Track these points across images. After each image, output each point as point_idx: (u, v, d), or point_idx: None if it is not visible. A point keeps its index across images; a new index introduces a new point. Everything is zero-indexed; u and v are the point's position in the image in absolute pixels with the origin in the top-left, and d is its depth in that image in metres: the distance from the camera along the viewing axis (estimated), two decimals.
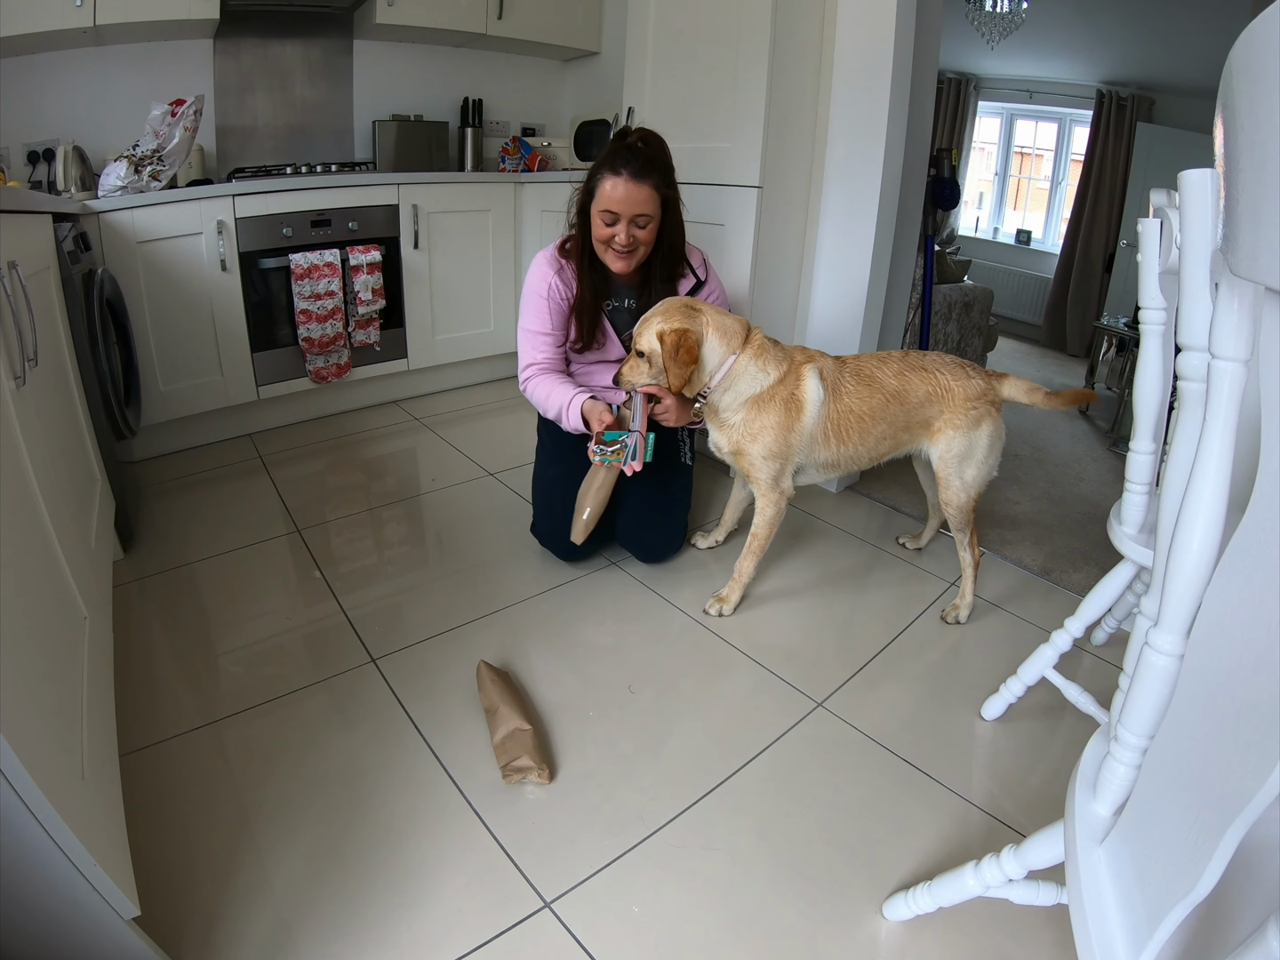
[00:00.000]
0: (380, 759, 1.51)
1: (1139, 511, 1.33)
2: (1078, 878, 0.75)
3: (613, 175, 1.80)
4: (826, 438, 1.86)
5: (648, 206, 1.82)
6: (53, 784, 0.87)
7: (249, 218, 2.75)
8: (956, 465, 1.89)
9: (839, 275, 2.53)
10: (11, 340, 1.27)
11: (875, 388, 1.85)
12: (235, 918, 1.20)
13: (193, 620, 1.92)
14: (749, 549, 1.96)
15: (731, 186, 2.48)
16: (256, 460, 2.81)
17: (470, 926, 1.20)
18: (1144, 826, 0.70)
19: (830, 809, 1.43)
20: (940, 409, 1.87)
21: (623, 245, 1.85)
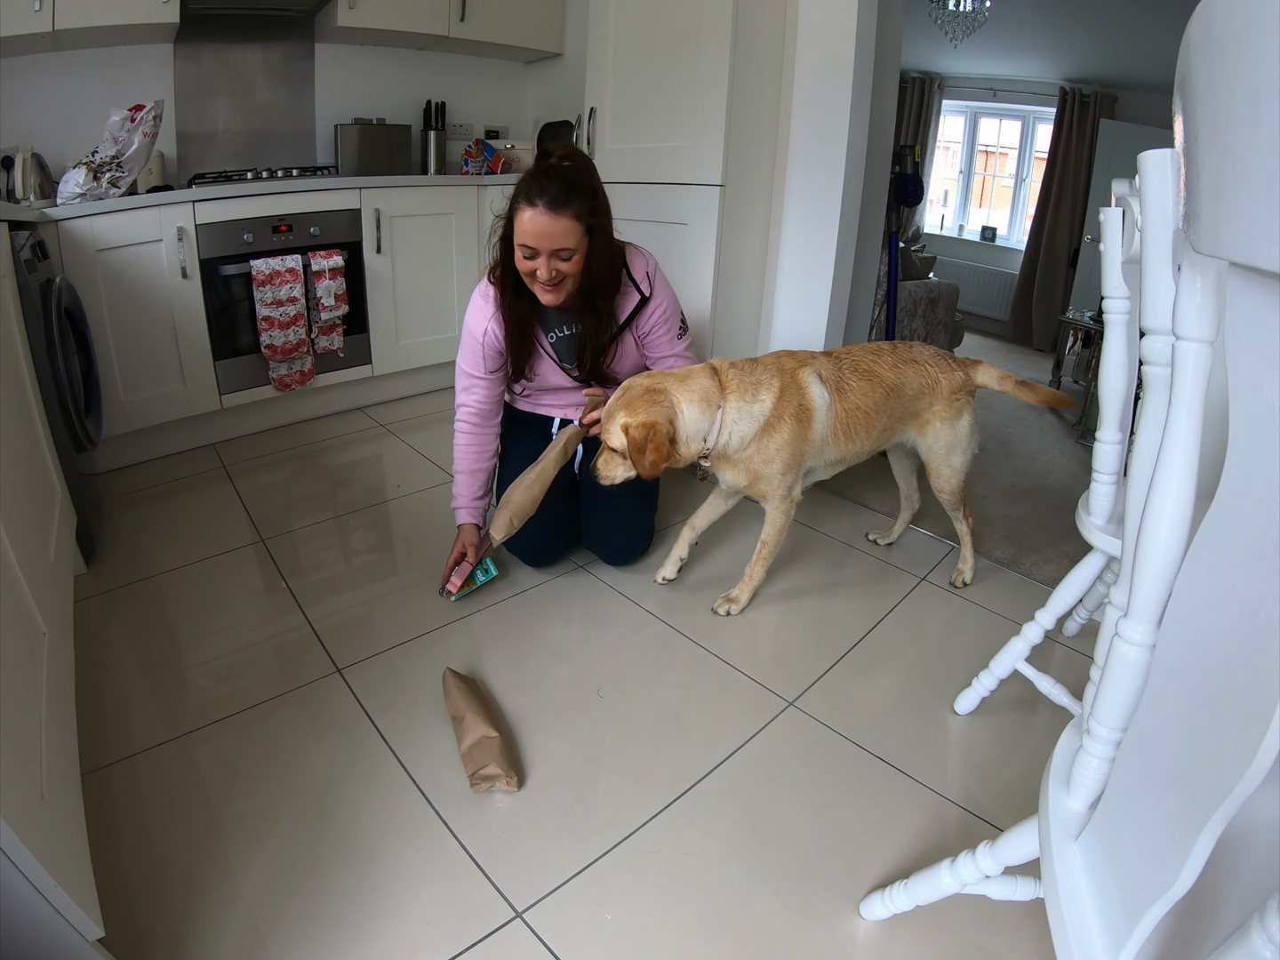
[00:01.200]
0: (348, 770, 1.48)
1: (1106, 502, 1.33)
2: (1053, 875, 0.74)
3: (529, 206, 1.65)
4: (836, 437, 1.87)
5: (568, 240, 1.68)
6: (9, 804, 0.85)
7: (210, 224, 2.70)
8: (945, 455, 1.97)
9: (803, 273, 2.54)
10: None
11: (876, 382, 1.86)
12: (203, 935, 1.17)
13: (158, 634, 1.88)
14: (759, 555, 1.96)
15: (694, 185, 2.48)
16: (220, 470, 2.76)
17: (441, 938, 1.17)
18: (1119, 822, 0.69)
19: (804, 809, 1.42)
20: (929, 401, 1.92)
21: (546, 280, 1.72)
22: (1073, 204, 5.19)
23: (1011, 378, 1.95)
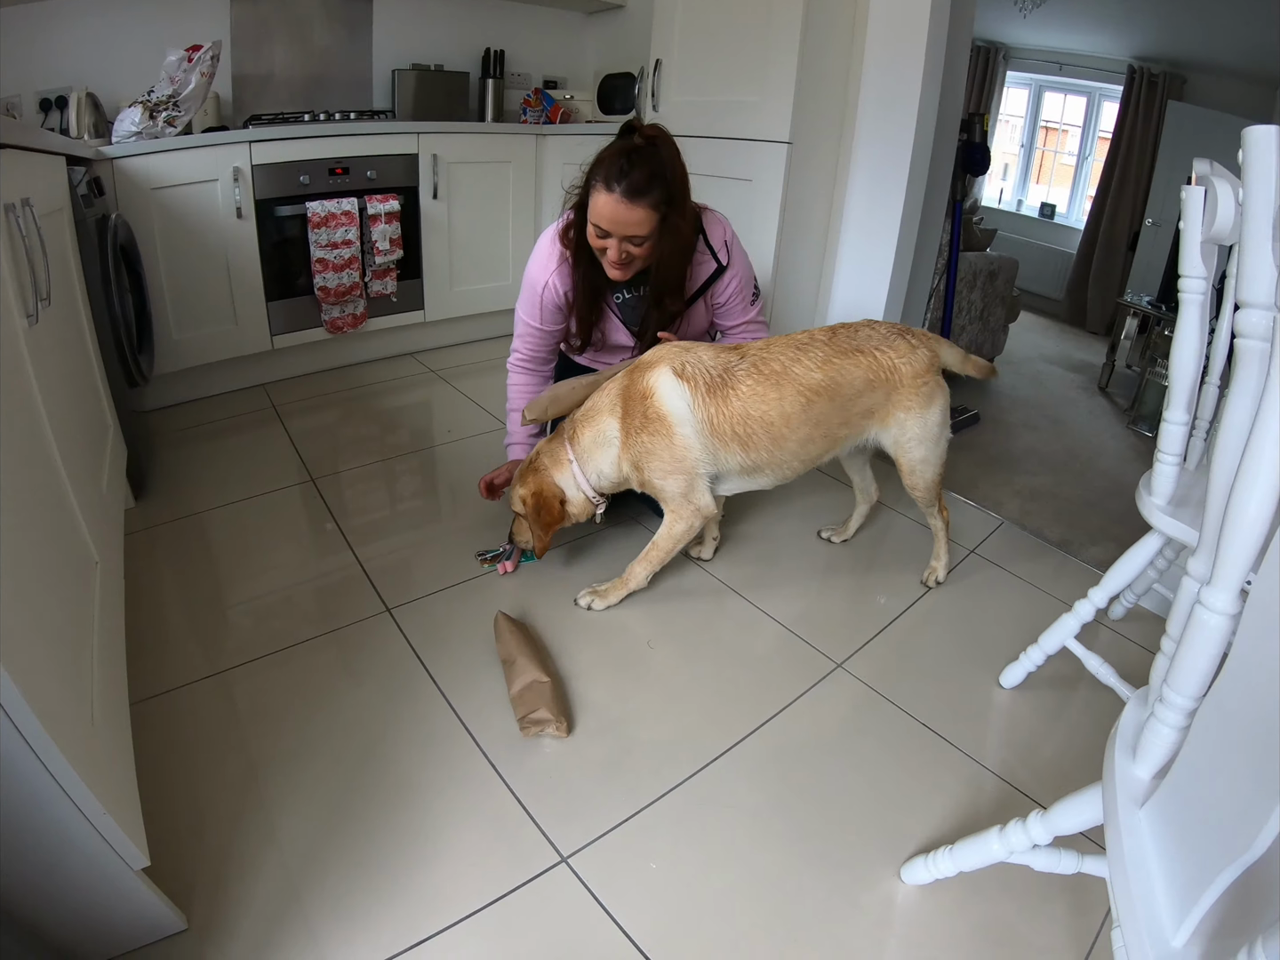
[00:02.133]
0: (394, 710, 1.49)
1: (1169, 483, 1.30)
2: (1119, 840, 0.74)
3: (606, 190, 1.61)
4: (724, 443, 1.64)
5: (641, 229, 1.65)
6: (61, 730, 0.85)
7: (266, 165, 2.69)
8: (916, 448, 1.75)
9: (867, 236, 2.49)
10: (24, 277, 1.24)
11: (788, 386, 1.61)
12: (245, 870, 1.19)
13: (206, 569, 1.90)
14: (645, 556, 1.78)
15: (760, 142, 2.43)
16: (270, 410, 2.78)
17: (485, 881, 1.19)
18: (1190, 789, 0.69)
19: (847, 770, 1.42)
20: (886, 393, 1.67)
21: (614, 261, 1.70)
22: (1135, 186, 5.02)
23: (972, 358, 1.81)
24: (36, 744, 0.80)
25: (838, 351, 1.63)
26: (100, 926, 1.03)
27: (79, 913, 0.99)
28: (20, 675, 0.77)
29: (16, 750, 0.80)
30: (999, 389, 3.36)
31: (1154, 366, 3.29)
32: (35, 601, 0.96)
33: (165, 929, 1.08)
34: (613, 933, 1.13)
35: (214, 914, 1.12)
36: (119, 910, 1.02)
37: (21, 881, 0.91)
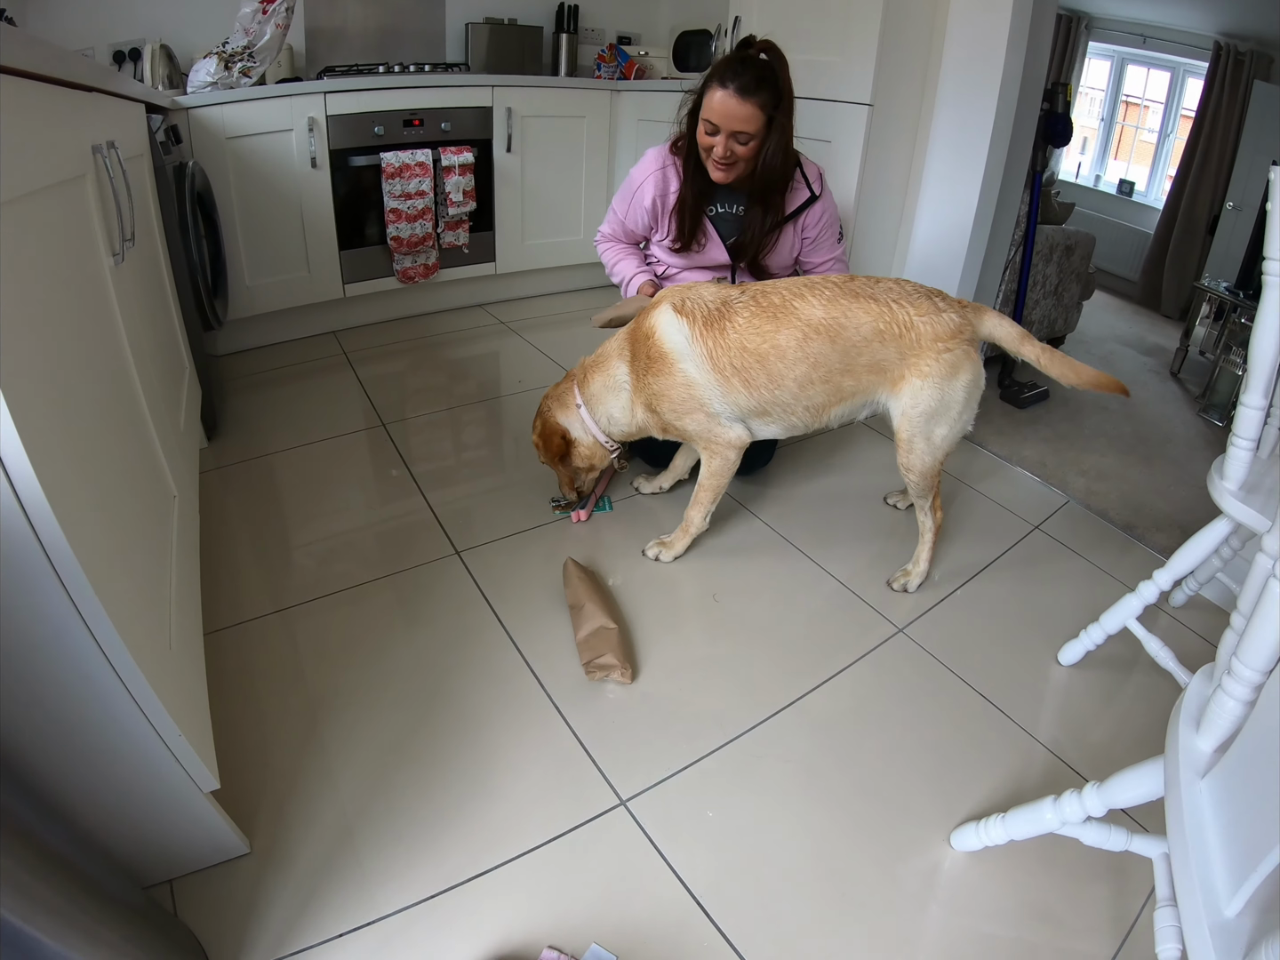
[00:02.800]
0: (460, 650, 1.53)
1: (1242, 468, 1.27)
2: (1179, 810, 0.75)
3: (720, 87, 1.72)
4: (725, 378, 1.60)
5: (749, 125, 1.73)
6: (142, 653, 0.88)
7: (340, 115, 2.71)
8: (924, 424, 1.58)
9: (945, 203, 2.44)
10: (111, 216, 1.27)
11: (784, 320, 1.55)
12: (308, 799, 1.23)
13: (274, 509, 1.96)
14: (695, 499, 1.78)
15: (841, 103, 2.39)
16: (341, 357, 2.84)
17: (543, 820, 1.22)
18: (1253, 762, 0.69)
19: (905, 733, 1.43)
20: (899, 351, 1.54)
21: (720, 158, 1.79)
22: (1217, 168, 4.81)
23: (1039, 344, 1.55)
24: (119, 664, 0.83)
25: (847, 294, 1.55)
26: (168, 846, 1.07)
27: (149, 832, 1.03)
28: (107, 599, 0.80)
29: (99, 671, 0.83)
30: None
31: (1228, 355, 3.18)
32: (120, 530, 0.99)
33: (228, 851, 1.13)
34: (667, 876, 1.15)
35: (275, 840, 1.17)
36: (186, 831, 1.06)
37: (97, 800, 0.95)
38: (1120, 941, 1.10)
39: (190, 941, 1.00)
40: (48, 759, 0.87)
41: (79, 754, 0.89)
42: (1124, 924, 1.13)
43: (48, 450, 0.75)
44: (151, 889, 1.08)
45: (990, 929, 1.11)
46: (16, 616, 0.76)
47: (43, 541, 0.73)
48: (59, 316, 0.95)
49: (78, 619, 0.78)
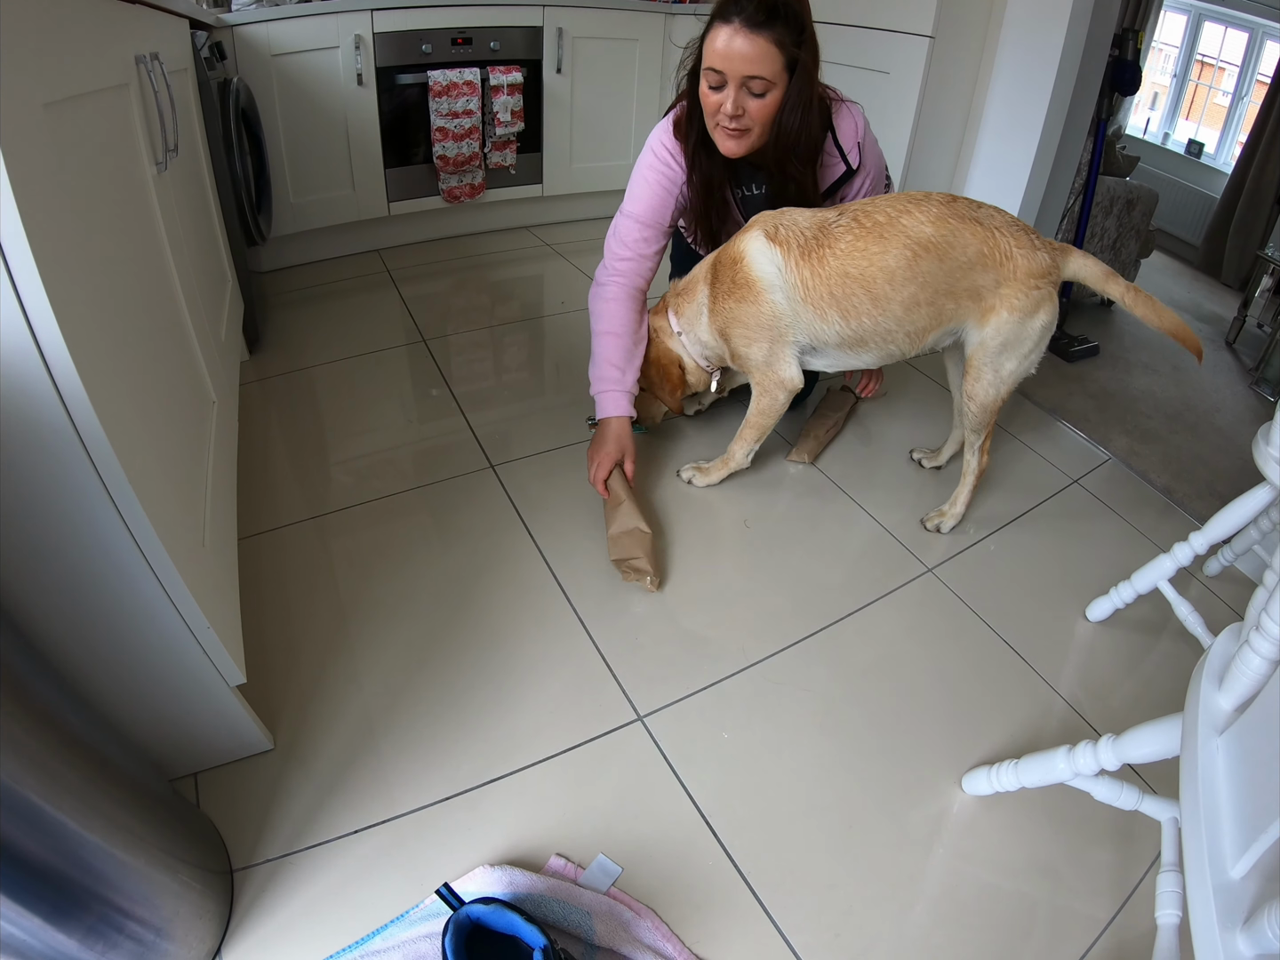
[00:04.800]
0: (491, 561, 1.55)
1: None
2: (1194, 765, 0.74)
3: (724, 24, 1.38)
4: (820, 310, 1.53)
5: (763, 66, 1.39)
6: (175, 546, 0.89)
7: (387, 33, 2.66)
8: (995, 354, 1.55)
9: (1005, 145, 2.36)
10: (154, 126, 1.28)
11: (892, 239, 1.46)
12: (332, 702, 1.26)
13: (313, 421, 1.98)
14: (741, 435, 1.77)
15: (901, 34, 2.31)
16: (384, 274, 2.83)
17: (562, 730, 1.24)
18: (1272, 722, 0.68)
19: (925, 672, 1.43)
20: (996, 279, 1.48)
21: (729, 116, 1.44)
22: None
23: (1123, 281, 1.50)
24: (151, 555, 0.85)
25: (954, 214, 1.47)
26: (194, 739, 1.11)
27: (176, 724, 1.07)
28: (141, 490, 0.82)
29: (132, 560, 0.85)
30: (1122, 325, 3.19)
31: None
32: (157, 426, 1.01)
33: (252, 746, 1.16)
34: (677, 793, 1.17)
35: (298, 738, 1.20)
36: (213, 724, 1.09)
37: (125, 689, 0.97)
38: (1119, 906, 1.10)
39: (210, 832, 1.04)
40: (78, 645, 0.90)
41: (109, 642, 0.92)
42: (1125, 889, 1.13)
43: (86, 342, 0.76)
44: (177, 781, 1.12)
45: (992, 878, 1.12)
46: (51, 503, 0.77)
47: (78, 426, 0.74)
48: (101, 214, 0.95)
49: (111, 508, 0.80)
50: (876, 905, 1.07)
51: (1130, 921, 1.09)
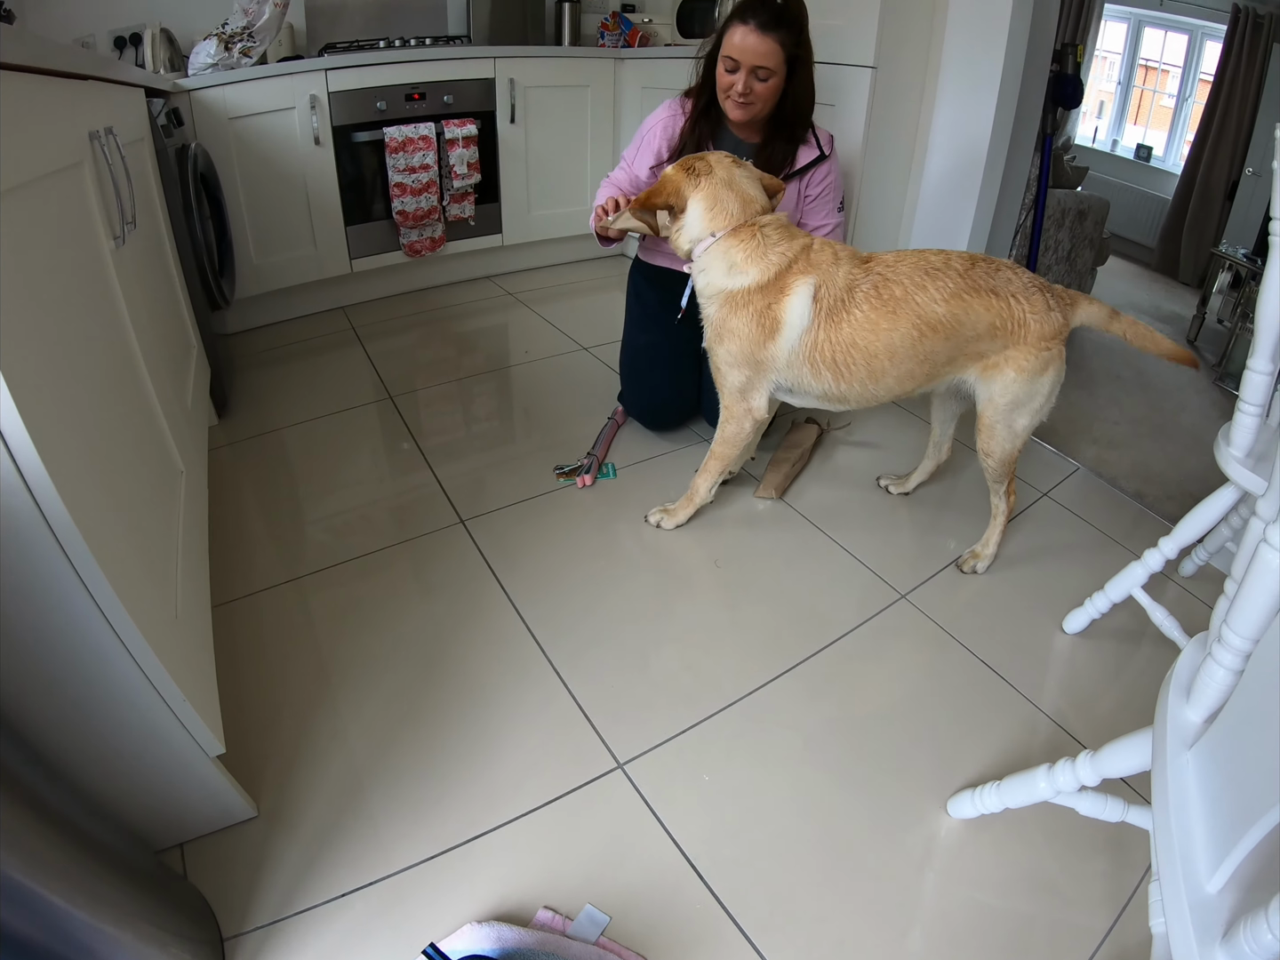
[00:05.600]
0: (464, 617, 1.54)
1: (1249, 435, 1.26)
2: (1164, 781, 0.75)
3: (741, 24, 1.76)
4: (816, 368, 1.55)
5: (769, 60, 1.77)
6: (146, 621, 0.90)
7: (342, 92, 2.70)
8: (1008, 412, 1.56)
9: (952, 167, 2.40)
10: (110, 200, 1.29)
11: (902, 316, 1.48)
12: (313, 763, 1.25)
13: (285, 483, 1.98)
14: (704, 467, 1.77)
15: (844, 66, 2.35)
16: (349, 332, 2.84)
17: (544, 782, 1.24)
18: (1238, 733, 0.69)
19: (904, 700, 1.43)
20: (1004, 344, 1.51)
21: (740, 94, 1.81)
22: (1236, 133, 4.72)
23: (1126, 317, 1.53)
24: (123, 632, 0.85)
25: (970, 287, 1.47)
26: (176, 810, 1.09)
27: (157, 797, 1.05)
28: (110, 570, 0.82)
29: (104, 639, 0.85)
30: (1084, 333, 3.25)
31: (1245, 322, 3.13)
32: (123, 504, 1.01)
33: (236, 815, 1.15)
34: (661, 839, 1.17)
35: (282, 803, 1.19)
36: (193, 795, 1.08)
37: (104, 765, 0.97)
38: (1116, 915, 1.10)
39: (198, 902, 1.02)
40: (53, 725, 0.89)
41: (85, 719, 0.91)
42: (1121, 898, 1.12)
43: (49, 426, 0.77)
44: (163, 852, 1.11)
45: (986, 898, 1.11)
46: (21, 585, 0.77)
47: (45, 513, 0.74)
48: (59, 299, 0.96)
49: (81, 588, 0.80)
50: (869, 935, 1.06)
51: (1129, 929, 1.08)
